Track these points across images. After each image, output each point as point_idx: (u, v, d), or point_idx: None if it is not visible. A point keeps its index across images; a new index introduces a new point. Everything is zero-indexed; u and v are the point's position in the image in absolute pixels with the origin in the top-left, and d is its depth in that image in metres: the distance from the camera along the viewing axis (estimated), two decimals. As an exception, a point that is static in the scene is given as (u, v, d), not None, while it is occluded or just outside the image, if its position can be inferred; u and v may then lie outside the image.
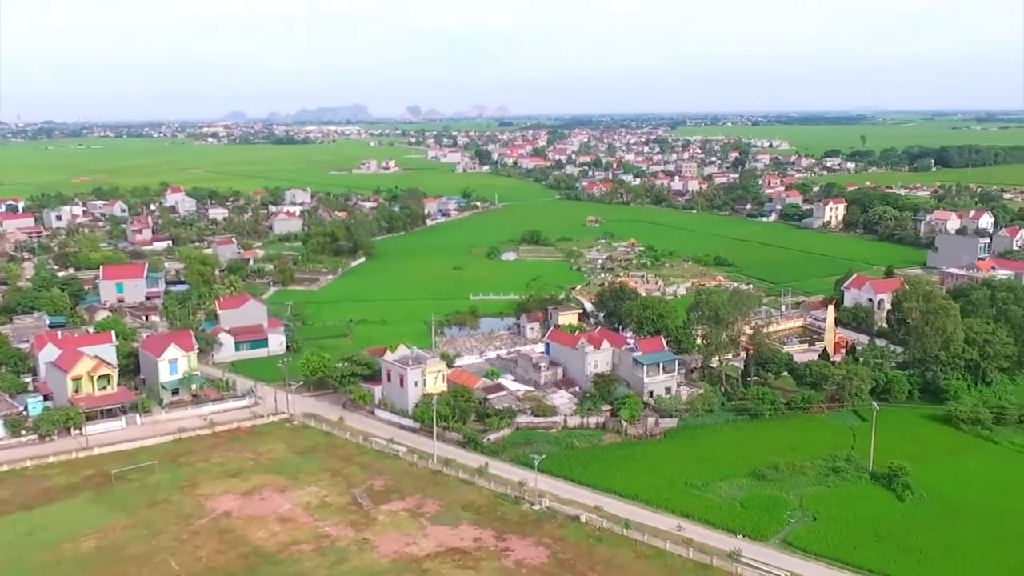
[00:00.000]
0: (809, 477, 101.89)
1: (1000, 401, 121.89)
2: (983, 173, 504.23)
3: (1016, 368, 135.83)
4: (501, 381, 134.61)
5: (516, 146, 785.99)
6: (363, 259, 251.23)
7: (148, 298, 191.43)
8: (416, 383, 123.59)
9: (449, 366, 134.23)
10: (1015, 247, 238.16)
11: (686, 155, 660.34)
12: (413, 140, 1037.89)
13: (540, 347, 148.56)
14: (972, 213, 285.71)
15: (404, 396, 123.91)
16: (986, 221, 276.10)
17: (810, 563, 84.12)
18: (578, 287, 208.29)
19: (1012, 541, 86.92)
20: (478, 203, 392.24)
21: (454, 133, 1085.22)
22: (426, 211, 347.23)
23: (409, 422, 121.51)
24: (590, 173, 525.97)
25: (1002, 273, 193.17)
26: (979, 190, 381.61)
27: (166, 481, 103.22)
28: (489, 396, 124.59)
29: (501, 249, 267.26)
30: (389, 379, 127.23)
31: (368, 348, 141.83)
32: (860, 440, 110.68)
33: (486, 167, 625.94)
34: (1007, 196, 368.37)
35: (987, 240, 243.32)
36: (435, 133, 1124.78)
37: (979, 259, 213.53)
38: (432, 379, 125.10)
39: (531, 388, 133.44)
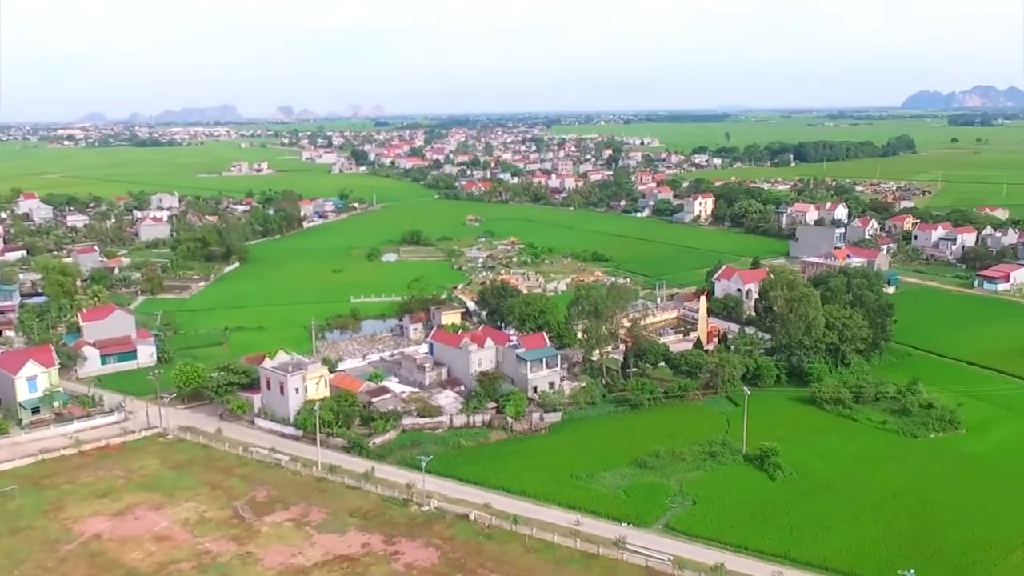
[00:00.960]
0: (688, 462, 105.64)
1: (858, 381, 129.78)
2: (837, 167, 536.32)
3: (871, 349, 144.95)
4: (385, 384, 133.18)
5: (393, 146, 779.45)
6: (237, 264, 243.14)
7: (1, 312, 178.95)
8: (297, 390, 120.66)
9: (331, 371, 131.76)
10: (867, 236, 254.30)
11: (562, 153, 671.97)
12: (286, 141, 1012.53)
13: (424, 348, 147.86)
14: (828, 205, 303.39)
15: (285, 404, 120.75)
16: (841, 212, 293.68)
17: (691, 545, 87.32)
18: (460, 286, 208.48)
19: (873, 511, 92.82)
20: (356, 204, 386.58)
21: (329, 133, 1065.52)
22: (302, 213, 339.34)
23: (291, 430, 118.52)
24: (469, 172, 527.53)
25: (856, 261, 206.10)
26: (834, 183, 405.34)
27: (28, 506, 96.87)
28: (373, 399, 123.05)
29: (381, 250, 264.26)
30: (269, 387, 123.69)
31: (245, 356, 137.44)
32: (734, 424, 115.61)
33: (363, 168, 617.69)
34: (858, 188, 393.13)
35: (842, 230, 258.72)
36: (309, 134, 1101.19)
37: (836, 248, 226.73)
38: (314, 385, 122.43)
39: (416, 389, 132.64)
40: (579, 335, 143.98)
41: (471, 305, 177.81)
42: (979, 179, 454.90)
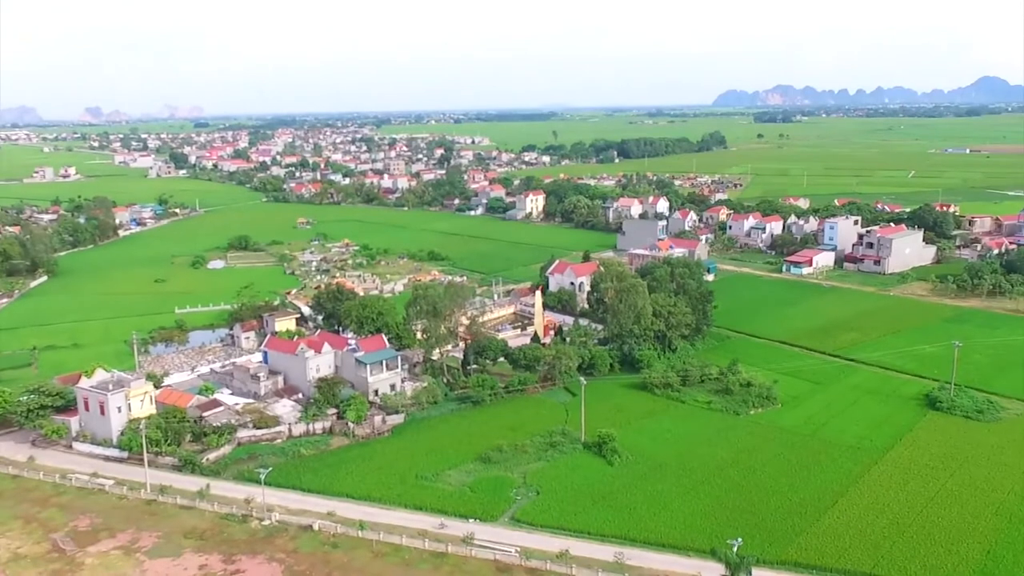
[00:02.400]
0: (531, 454, 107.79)
1: (684, 365, 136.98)
2: (657, 162, 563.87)
3: (695, 334, 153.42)
4: (217, 396, 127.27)
5: (215, 148, 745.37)
6: (45, 278, 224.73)
7: None
8: (119, 409, 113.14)
9: (157, 386, 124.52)
10: (687, 227, 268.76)
11: (393, 153, 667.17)
12: (96, 144, 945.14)
13: (258, 356, 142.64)
14: (651, 199, 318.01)
15: (107, 424, 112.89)
16: (663, 205, 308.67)
17: (537, 535, 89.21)
18: (294, 291, 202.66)
19: (703, 486, 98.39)
20: (177, 210, 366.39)
21: (144, 136, 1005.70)
22: (118, 221, 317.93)
23: (115, 452, 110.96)
24: (298, 174, 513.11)
25: (678, 251, 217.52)
26: (655, 178, 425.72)
27: None
28: (205, 413, 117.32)
29: (207, 257, 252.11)
30: (87, 408, 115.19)
31: (59, 376, 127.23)
32: (572, 414, 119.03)
33: (183, 171, 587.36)
34: (677, 183, 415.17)
35: (665, 222, 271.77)
36: (121, 136, 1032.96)
37: (659, 240, 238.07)
38: (138, 402, 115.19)
39: (251, 400, 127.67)
40: (418, 335, 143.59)
41: (306, 310, 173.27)
42: (783, 171, 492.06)
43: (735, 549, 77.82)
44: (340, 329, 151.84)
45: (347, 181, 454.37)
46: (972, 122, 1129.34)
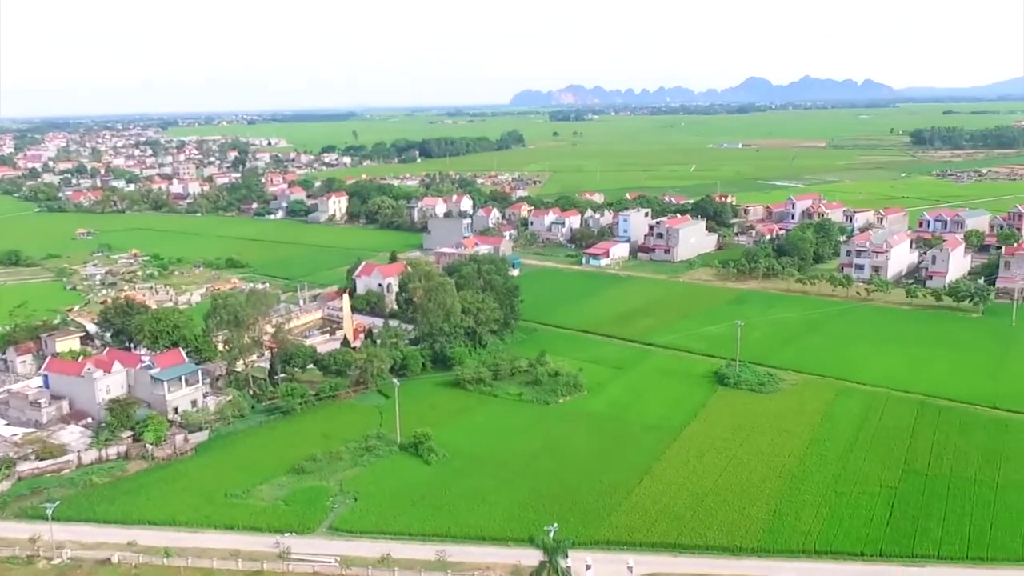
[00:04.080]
0: (346, 461, 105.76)
1: (495, 360, 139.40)
2: (459, 161, 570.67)
3: (503, 329, 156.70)
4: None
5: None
6: None
7: None
8: None
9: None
10: (490, 225, 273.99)
11: (182, 157, 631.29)
12: None
13: (37, 381, 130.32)
14: (455, 197, 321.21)
15: None
16: (467, 204, 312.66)
17: (357, 542, 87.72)
18: (76, 308, 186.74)
19: (519, 477, 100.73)
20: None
21: None
22: None
23: None
24: (75, 181, 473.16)
25: (484, 248, 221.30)
26: (458, 177, 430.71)
27: None
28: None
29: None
30: None
31: None
32: (387, 416, 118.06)
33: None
34: (480, 181, 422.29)
35: (469, 220, 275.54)
36: None
37: (465, 237, 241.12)
38: None
39: (32, 429, 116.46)
40: (220, 347, 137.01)
41: (92, 328, 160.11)
42: (578, 168, 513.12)
43: (552, 534, 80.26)
44: (132, 346, 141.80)
45: (132, 187, 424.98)
46: (742, 119, 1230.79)
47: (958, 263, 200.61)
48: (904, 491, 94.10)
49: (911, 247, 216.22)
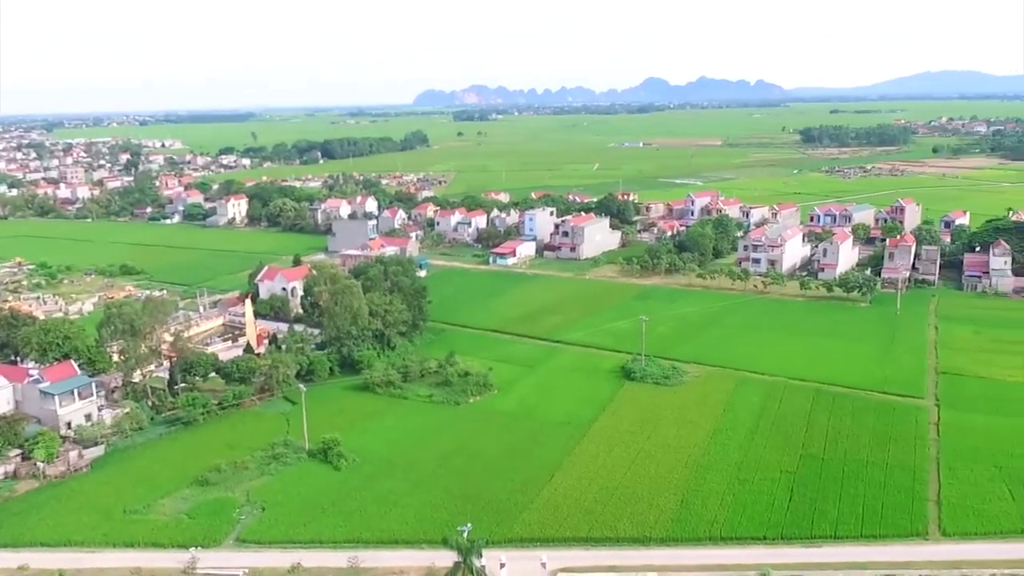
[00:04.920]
0: (252, 470, 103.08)
1: (404, 362, 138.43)
2: (362, 162, 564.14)
3: (412, 331, 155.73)
4: None
5: None
6: None
7: None
8: None
9: None
10: (396, 226, 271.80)
11: (70, 160, 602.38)
12: None
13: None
14: (359, 199, 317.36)
15: None
16: (372, 205, 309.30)
17: (266, 553, 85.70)
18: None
19: (431, 479, 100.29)
20: None
21: None
22: None
23: None
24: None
25: (390, 249, 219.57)
26: (361, 178, 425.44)
27: None
28: None
29: None
30: None
31: None
32: (294, 423, 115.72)
33: None
34: (384, 182, 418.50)
35: (375, 222, 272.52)
36: None
37: (370, 239, 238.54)
38: None
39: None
40: (115, 357, 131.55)
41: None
42: (483, 168, 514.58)
43: (465, 535, 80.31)
44: (18, 359, 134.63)
45: (14, 192, 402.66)
46: (642, 118, 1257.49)
47: (847, 255, 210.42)
48: (803, 475, 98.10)
49: (803, 241, 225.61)
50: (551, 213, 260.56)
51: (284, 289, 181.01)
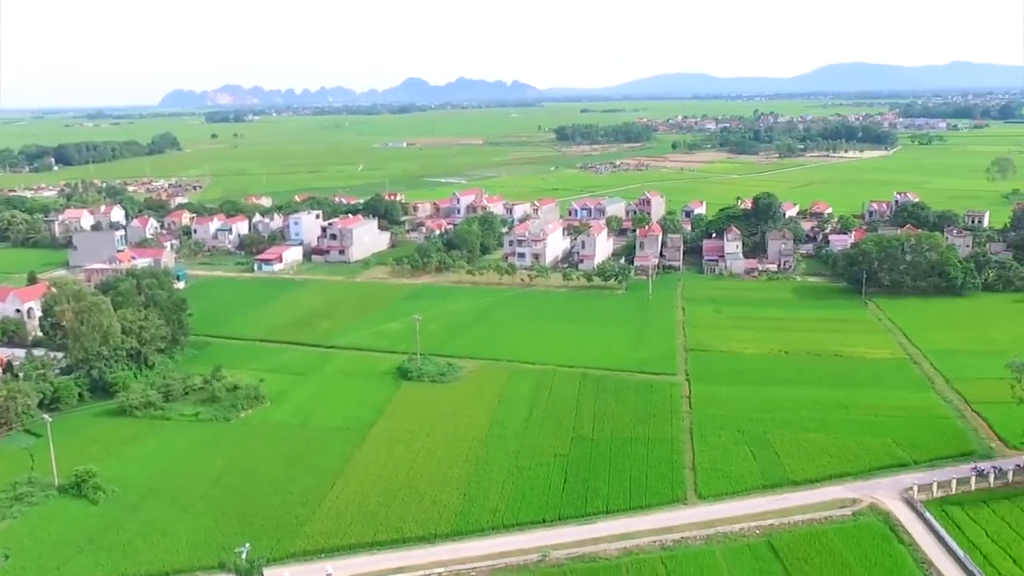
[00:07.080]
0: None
1: (165, 380, 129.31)
2: (105, 168, 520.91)
3: (172, 346, 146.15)
4: None
5: None
6: None
7: None
8: None
9: None
10: (148, 235, 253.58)
11: None
12: None
13: None
14: (103, 208, 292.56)
15: None
16: (118, 214, 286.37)
17: (13, 605, 76.95)
18: None
19: (202, 501, 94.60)
20: None
21: None
22: None
23: None
24: None
25: (142, 261, 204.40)
26: (104, 185, 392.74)
27: None
28: None
29: None
30: None
31: None
32: (40, 458, 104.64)
33: None
34: (131, 188, 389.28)
35: (122, 232, 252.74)
36: None
37: (119, 251, 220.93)
38: None
39: None
40: None
41: None
42: (242, 171, 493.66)
43: (244, 555, 76.95)
44: None
45: None
46: (405, 119, 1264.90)
47: (603, 246, 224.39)
48: (575, 457, 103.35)
49: (564, 234, 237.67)
50: (317, 216, 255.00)
51: (18, 311, 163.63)
